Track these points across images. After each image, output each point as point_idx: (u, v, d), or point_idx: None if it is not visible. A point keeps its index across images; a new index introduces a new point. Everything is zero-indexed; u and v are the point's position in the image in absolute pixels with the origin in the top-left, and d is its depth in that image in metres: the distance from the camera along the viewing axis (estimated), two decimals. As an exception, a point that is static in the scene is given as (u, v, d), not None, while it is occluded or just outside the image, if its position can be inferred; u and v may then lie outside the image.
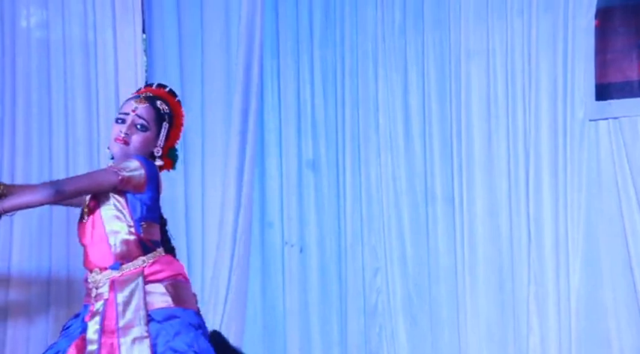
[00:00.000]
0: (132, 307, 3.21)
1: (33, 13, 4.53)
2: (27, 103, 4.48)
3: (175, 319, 3.23)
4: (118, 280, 3.23)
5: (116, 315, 3.19)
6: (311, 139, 4.97)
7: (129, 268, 3.24)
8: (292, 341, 4.92)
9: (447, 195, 4.62)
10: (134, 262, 3.25)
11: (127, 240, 3.24)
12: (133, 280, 3.23)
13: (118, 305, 3.20)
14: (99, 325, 3.20)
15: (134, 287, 3.23)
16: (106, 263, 3.24)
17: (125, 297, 3.21)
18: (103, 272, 3.24)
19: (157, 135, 3.32)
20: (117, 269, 3.23)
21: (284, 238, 4.97)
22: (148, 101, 3.31)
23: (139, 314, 3.20)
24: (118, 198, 3.24)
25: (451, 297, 4.58)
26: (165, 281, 3.28)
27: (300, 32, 5.00)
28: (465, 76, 4.53)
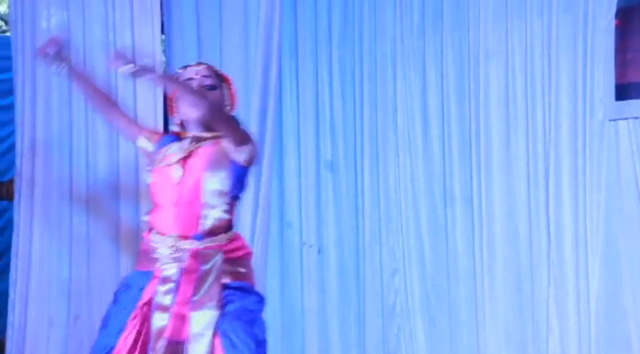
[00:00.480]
0: (208, 282, 3.17)
1: (53, 14, 4.56)
2: (47, 103, 4.50)
3: (248, 295, 3.25)
4: (201, 252, 3.18)
5: (193, 287, 3.15)
6: (329, 139, 4.97)
7: (211, 242, 3.21)
8: (310, 341, 4.92)
9: (465, 196, 4.60)
10: (217, 237, 3.23)
11: (220, 218, 3.22)
12: (214, 256, 3.20)
13: (197, 278, 3.15)
14: (173, 293, 3.14)
15: (213, 263, 3.19)
16: (189, 232, 3.19)
17: (204, 271, 3.17)
18: (182, 240, 3.18)
19: (222, 95, 3.32)
20: (200, 240, 3.19)
21: (302, 239, 4.97)
22: (204, 65, 3.31)
23: (213, 290, 3.16)
24: (228, 170, 3.21)
25: (470, 298, 4.56)
26: (242, 259, 3.29)
27: (318, 33, 5.00)
28: (484, 77, 4.50)
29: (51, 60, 3.23)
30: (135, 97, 4.61)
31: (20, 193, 4.46)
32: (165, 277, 3.17)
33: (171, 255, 3.18)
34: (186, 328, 3.13)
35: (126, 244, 4.61)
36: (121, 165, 4.60)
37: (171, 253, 3.18)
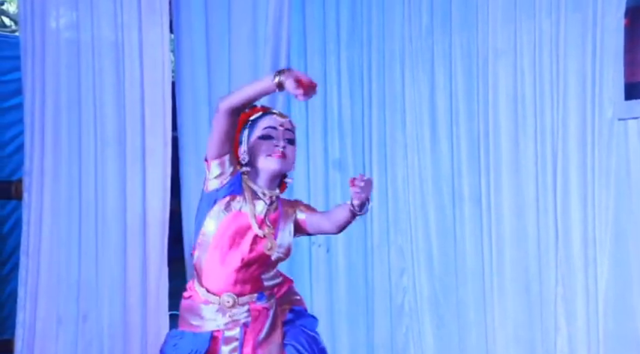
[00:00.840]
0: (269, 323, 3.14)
1: (63, 14, 4.56)
2: (56, 103, 4.50)
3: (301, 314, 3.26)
4: (260, 308, 3.13)
5: (255, 341, 3.10)
6: (338, 139, 4.97)
7: (270, 297, 3.18)
8: (319, 341, 4.92)
9: (474, 195, 4.59)
10: (272, 291, 3.21)
11: (275, 276, 3.22)
12: (271, 308, 3.16)
13: (259, 332, 3.11)
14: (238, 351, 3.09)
15: (272, 313, 3.16)
16: (252, 291, 3.13)
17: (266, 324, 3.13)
18: (241, 298, 3.11)
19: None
20: (264, 300, 3.14)
21: (311, 239, 4.97)
22: (287, 118, 3.24)
23: (276, 332, 3.15)
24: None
25: (478, 298, 4.56)
26: (289, 289, 3.29)
27: (327, 33, 5.01)
28: (493, 77, 4.50)
29: None
30: (142, 102, 4.61)
31: (29, 193, 4.46)
32: (228, 337, 3.11)
33: (232, 311, 3.11)
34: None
35: (133, 242, 4.62)
36: (128, 164, 4.61)
37: (232, 310, 3.11)
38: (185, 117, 4.85)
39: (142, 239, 4.62)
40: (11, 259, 5.40)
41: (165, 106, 4.59)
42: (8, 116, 5.59)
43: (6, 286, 5.48)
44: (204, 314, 3.11)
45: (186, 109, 4.85)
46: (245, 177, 3.13)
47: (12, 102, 5.48)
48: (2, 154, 5.58)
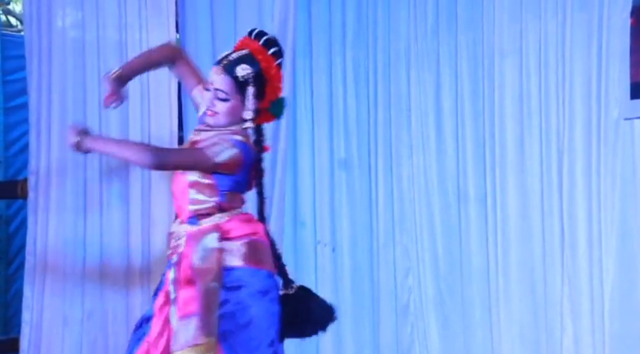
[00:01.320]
0: (207, 261, 3.23)
1: (69, 13, 4.56)
2: (61, 102, 4.51)
3: (241, 290, 3.25)
4: (195, 233, 3.27)
5: (191, 267, 3.22)
6: (343, 138, 4.97)
7: (206, 223, 3.28)
8: (324, 340, 4.89)
9: (479, 195, 4.59)
10: (211, 218, 3.29)
11: (206, 200, 3.29)
12: (208, 234, 3.26)
13: (192, 258, 3.22)
14: (174, 275, 3.24)
15: (209, 241, 3.26)
16: (185, 216, 3.30)
17: (200, 251, 3.24)
18: (182, 225, 3.30)
19: (242, 101, 3.34)
20: (195, 224, 3.28)
21: (316, 238, 4.97)
22: (226, 71, 3.32)
23: (212, 268, 3.22)
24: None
25: (483, 297, 4.55)
26: (240, 239, 3.31)
27: (332, 33, 5.00)
28: (499, 77, 4.49)
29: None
30: (148, 102, 4.61)
31: (35, 192, 4.47)
32: (172, 263, 3.28)
33: (176, 241, 3.30)
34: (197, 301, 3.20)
35: (137, 241, 4.62)
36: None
37: (176, 239, 3.30)
38: (191, 117, 4.84)
39: (146, 237, 4.62)
40: (17, 259, 5.41)
41: (171, 106, 4.59)
42: (14, 116, 5.60)
43: (12, 286, 5.49)
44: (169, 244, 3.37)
45: (192, 109, 4.83)
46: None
47: (17, 101, 5.49)
48: (8, 153, 5.59)
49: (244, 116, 3.35)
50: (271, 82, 3.40)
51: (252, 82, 3.34)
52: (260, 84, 3.35)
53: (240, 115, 3.35)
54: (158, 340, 3.26)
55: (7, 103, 5.63)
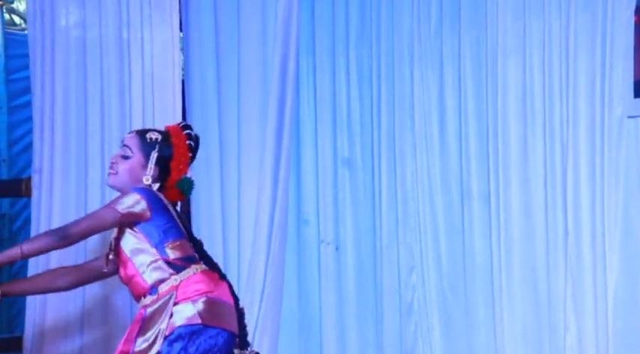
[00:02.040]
0: (155, 324, 3.30)
1: (71, 12, 4.55)
2: (65, 101, 4.51)
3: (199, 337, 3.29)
4: (151, 301, 3.34)
5: (138, 329, 3.30)
6: (347, 137, 4.95)
7: (163, 289, 3.34)
8: (328, 339, 4.91)
9: (482, 193, 4.58)
10: (168, 281, 3.34)
11: (155, 266, 3.35)
12: (162, 298, 3.32)
13: (143, 321, 3.31)
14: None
15: (161, 305, 3.31)
16: (147, 292, 3.37)
17: (150, 313, 3.32)
18: (143, 299, 3.37)
19: (144, 163, 3.43)
20: (154, 294, 3.34)
21: (320, 236, 4.96)
22: (137, 132, 3.49)
23: (157, 331, 3.28)
24: (131, 230, 3.37)
25: (487, 295, 4.54)
26: (195, 299, 3.33)
27: (336, 31, 4.99)
28: (502, 75, 4.48)
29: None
30: (152, 100, 4.61)
31: (39, 191, 4.47)
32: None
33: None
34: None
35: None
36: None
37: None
38: (195, 115, 4.85)
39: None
40: (21, 257, 5.39)
41: (175, 105, 4.59)
42: (18, 114, 5.60)
43: (15, 284, 5.48)
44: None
45: (195, 107, 4.85)
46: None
47: (21, 100, 5.49)
48: (12, 152, 5.59)
49: (144, 180, 3.43)
50: (177, 159, 3.49)
51: (158, 149, 3.45)
52: (166, 155, 3.46)
53: (141, 178, 3.43)
54: None
55: (11, 101, 5.63)
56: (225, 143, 4.80)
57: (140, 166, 3.44)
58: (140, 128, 3.56)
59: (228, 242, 4.76)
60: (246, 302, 4.62)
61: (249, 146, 4.78)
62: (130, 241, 3.39)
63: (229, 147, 4.80)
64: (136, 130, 3.53)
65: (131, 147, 3.45)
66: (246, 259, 4.72)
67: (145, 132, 3.49)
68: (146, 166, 3.43)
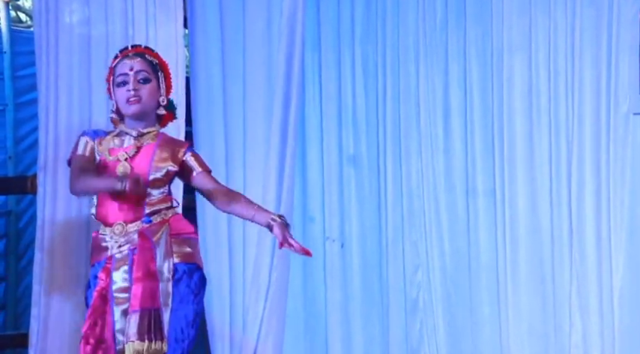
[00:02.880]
0: (161, 254, 3.37)
1: (76, 9, 4.55)
2: (69, 99, 4.49)
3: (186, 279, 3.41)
4: (147, 229, 3.40)
5: (152, 259, 3.35)
6: (352, 134, 4.94)
7: (156, 219, 3.42)
8: (333, 336, 4.90)
9: (488, 190, 4.58)
10: (160, 214, 3.44)
11: (161, 199, 3.45)
12: (160, 230, 3.40)
13: (151, 251, 3.35)
14: (129, 273, 3.36)
15: (161, 235, 3.39)
16: (136, 217, 3.42)
17: (155, 243, 3.38)
18: (130, 224, 3.41)
19: (158, 85, 3.49)
20: (147, 222, 3.41)
21: (325, 233, 4.95)
22: (139, 56, 3.48)
23: (167, 262, 3.37)
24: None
25: (492, 293, 4.54)
26: (187, 239, 3.48)
27: (341, 27, 4.97)
28: (507, 71, 4.49)
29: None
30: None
31: (44, 188, 4.46)
32: (118, 260, 3.39)
33: (121, 239, 3.41)
34: (158, 297, 3.33)
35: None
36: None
37: (121, 238, 3.41)
38: (200, 112, 4.84)
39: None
40: (27, 254, 5.40)
41: (178, 102, 4.56)
42: (24, 111, 5.58)
43: (22, 281, 5.49)
44: (102, 245, 3.46)
45: (200, 105, 4.84)
46: (114, 120, 3.54)
47: (28, 97, 5.48)
48: (18, 149, 5.59)
49: (161, 101, 3.51)
50: (168, 78, 3.59)
51: (160, 69, 3.54)
52: (163, 76, 3.54)
53: (157, 100, 3.50)
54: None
55: (18, 98, 5.62)
56: (230, 140, 4.78)
57: (156, 88, 3.50)
58: (131, 54, 3.53)
59: (233, 240, 4.74)
60: (251, 300, 4.64)
61: (255, 143, 4.76)
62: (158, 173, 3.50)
63: (235, 144, 4.79)
64: (135, 55, 3.52)
65: (147, 71, 3.47)
66: (251, 257, 4.70)
67: (144, 56, 3.52)
68: (159, 88, 3.50)
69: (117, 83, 3.46)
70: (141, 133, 3.50)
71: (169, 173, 3.50)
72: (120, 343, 3.34)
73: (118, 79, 3.45)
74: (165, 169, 3.48)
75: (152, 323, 3.31)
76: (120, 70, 3.46)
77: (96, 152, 3.53)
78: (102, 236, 3.47)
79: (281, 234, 3.31)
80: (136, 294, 3.32)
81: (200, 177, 3.54)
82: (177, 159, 3.52)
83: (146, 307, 3.31)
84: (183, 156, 3.54)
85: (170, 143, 3.57)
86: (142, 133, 3.51)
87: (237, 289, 4.73)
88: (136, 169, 3.43)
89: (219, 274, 4.71)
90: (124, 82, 3.43)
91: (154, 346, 3.30)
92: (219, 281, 4.70)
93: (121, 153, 3.47)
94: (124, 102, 3.44)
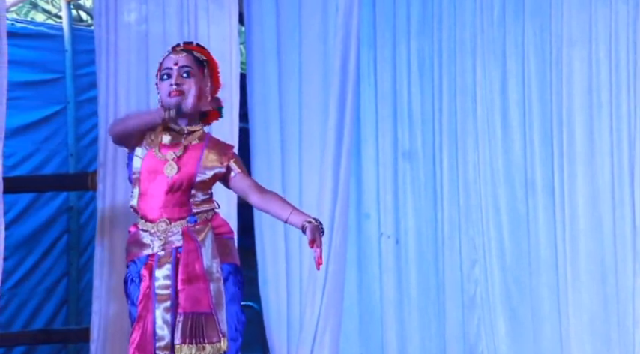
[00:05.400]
0: (207, 254, 3.35)
1: (134, 8, 4.57)
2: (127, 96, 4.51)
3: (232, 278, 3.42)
4: (191, 229, 3.37)
5: (195, 260, 3.33)
6: (407, 129, 4.88)
7: (199, 218, 3.39)
8: (389, 332, 4.84)
9: (547, 186, 4.48)
10: (204, 214, 3.42)
11: (205, 199, 3.43)
12: (205, 230, 3.39)
13: (196, 251, 3.33)
14: (172, 272, 3.33)
15: (205, 235, 3.37)
16: (180, 215, 3.37)
17: (201, 244, 3.36)
18: (174, 222, 3.37)
19: (202, 81, 3.42)
20: (192, 222, 3.38)
21: (380, 229, 4.89)
22: (186, 52, 3.42)
23: (215, 262, 3.36)
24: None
25: (552, 289, 4.45)
26: (225, 239, 3.47)
27: (397, 23, 4.91)
28: (567, 65, 4.39)
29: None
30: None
31: (104, 184, 4.49)
32: (161, 256, 3.35)
33: (164, 237, 3.36)
34: (209, 297, 3.31)
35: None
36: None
37: (164, 236, 3.36)
38: (256, 109, 4.83)
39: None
40: (88, 250, 5.45)
41: (232, 99, 4.55)
42: (85, 109, 5.63)
43: (83, 276, 5.55)
44: (144, 241, 3.40)
45: (256, 101, 4.83)
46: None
47: (88, 95, 5.53)
48: (79, 146, 5.65)
49: (204, 98, 3.44)
50: (216, 76, 3.51)
51: (206, 66, 3.46)
52: (210, 72, 3.47)
53: (201, 97, 3.42)
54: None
55: (79, 96, 5.68)
56: (286, 138, 4.76)
57: (198, 84, 3.43)
58: (177, 49, 3.48)
59: (290, 237, 4.71)
60: (308, 296, 4.62)
61: (310, 139, 4.73)
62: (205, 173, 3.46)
63: (290, 141, 4.76)
64: (181, 50, 3.46)
65: (190, 65, 3.40)
66: (308, 253, 4.67)
67: (190, 51, 3.46)
68: (204, 85, 3.45)
69: (161, 76, 3.42)
70: (187, 132, 3.45)
71: (216, 176, 3.45)
72: (159, 340, 3.31)
73: (163, 73, 3.41)
74: (213, 172, 3.43)
75: (197, 327, 3.30)
76: (165, 64, 3.42)
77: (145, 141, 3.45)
78: (143, 232, 3.41)
79: (311, 235, 3.26)
80: (181, 297, 3.30)
81: (238, 178, 3.49)
82: (224, 162, 3.46)
83: (191, 311, 3.30)
84: (230, 160, 3.49)
85: (217, 146, 3.51)
86: (188, 132, 3.46)
87: (294, 286, 4.71)
88: (183, 169, 3.39)
89: (276, 270, 4.70)
90: (168, 75, 3.39)
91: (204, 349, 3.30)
92: (276, 278, 4.69)
93: (169, 153, 3.42)
94: (166, 95, 3.39)
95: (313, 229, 3.28)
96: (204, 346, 3.30)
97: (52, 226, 5.51)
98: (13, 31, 4.63)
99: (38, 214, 5.46)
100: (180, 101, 3.31)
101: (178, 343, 3.29)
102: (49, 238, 5.50)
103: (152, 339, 3.33)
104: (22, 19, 6.23)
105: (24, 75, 5.27)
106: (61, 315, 5.52)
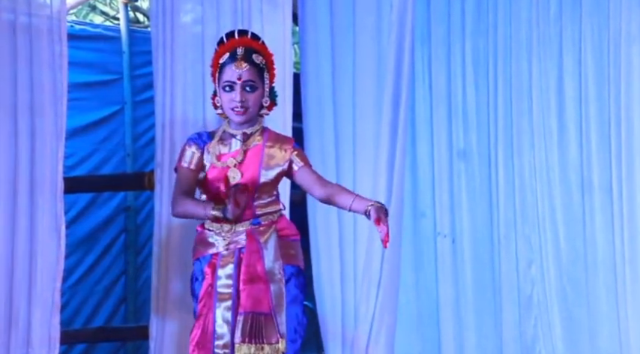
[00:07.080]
0: (270, 255, 3.38)
1: (191, 9, 4.59)
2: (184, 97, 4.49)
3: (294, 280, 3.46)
4: (255, 230, 3.42)
5: (257, 261, 3.38)
6: (462, 128, 4.82)
7: (264, 220, 3.44)
8: (446, 332, 4.77)
9: (604, 184, 4.41)
10: (268, 216, 3.47)
11: (270, 201, 3.48)
12: (268, 231, 3.43)
13: (259, 253, 3.37)
14: (234, 271, 3.39)
15: (269, 236, 3.43)
16: (245, 217, 3.40)
17: (263, 246, 3.39)
18: (238, 224, 3.42)
19: (263, 89, 3.45)
20: (256, 224, 3.43)
21: (436, 229, 4.85)
22: (246, 61, 3.40)
23: (277, 263, 3.40)
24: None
25: (610, 290, 4.37)
26: (290, 240, 3.52)
27: (451, 21, 4.84)
28: (626, 63, 4.31)
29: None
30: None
31: (161, 184, 4.51)
32: (224, 256, 3.41)
33: (229, 237, 3.42)
34: (269, 298, 3.35)
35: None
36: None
37: (228, 236, 3.42)
38: (310, 108, 4.80)
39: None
40: (145, 248, 5.48)
41: (285, 98, 4.54)
42: (142, 109, 5.66)
43: (141, 275, 5.58)
44: (209, 240, 3.48)
45: (311, 101, 4.80)
46: (221, 114, 3.54)
47: (145, 95, 5.56)
48: (136, 145, 5.68)
49: (264, 103, 3.49)
50: (272, 70, 3.54)
51: (266, 69, 3.49)
52: (268, 70, 3.49)
53: (262, 102, 3.48)
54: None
55: (136, 97, 5.71)
56: (340, 137, 4.71)
57: (262, 92, 3.49)
58: (240, 55, 3.46)
59: (344, 235, 4.67)
60: (362, 294, 4.58)
61: (365, 139, 4.68)
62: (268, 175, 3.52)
63: (345, 141, 4.72)
64: (243, 59, 3.44)
65: (254, 79, 3.44)
66: (362, 251, 4.65)
67: (251, 58, 3.45)
68: (264, 91, 3.50)
69: (223, 86, 3.45)
70: (247, 136, 3.48)
71: (280, 174, 3.47)
72: (219, 338, 3.34)
73: (225, 84, 3.43)
74: (275, 171, 3.46)
75: (257, 327, 3.32)
76: (227, 75, 3.43)
77: (205, 160, 3.51)
78: (208, 232, 3.47)
79: (376, 214, 3.24)
80: (242, 297, 3.31)
81: (302, 171, 3.52)
82: (285, 157, 3.48)
83: (252, 311, 3.31)
84: (291, 154, 3.50)
85: (277, 141, 3.53)
86: (248, 136, 3.48)
87: (348, 284, 4.67)
88: (246, 174, 3.41)
89: (330, 269, 4.66)
90: (231, 88, 3.42)
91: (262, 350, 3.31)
92: (330, 277, 4.66)
93: (230, 159, 3.44)
94: (229, 109, 3.44)
95: (377, 209, 3.27)
96: (263, 346, 3.30)
97: (110, 226, 5.54)
98: (72, 33, 4.64)
99: (96, 214, 5.49)
100: (238, 214, 3.31)
101: (238, 342, 3.31)
102: (107, 237, 5.52)
103: (212, 337, 3.36)
104: (81, 21, 6.28)
105: (82, 76, 5.29)
106: (119, 313, 5.56)
